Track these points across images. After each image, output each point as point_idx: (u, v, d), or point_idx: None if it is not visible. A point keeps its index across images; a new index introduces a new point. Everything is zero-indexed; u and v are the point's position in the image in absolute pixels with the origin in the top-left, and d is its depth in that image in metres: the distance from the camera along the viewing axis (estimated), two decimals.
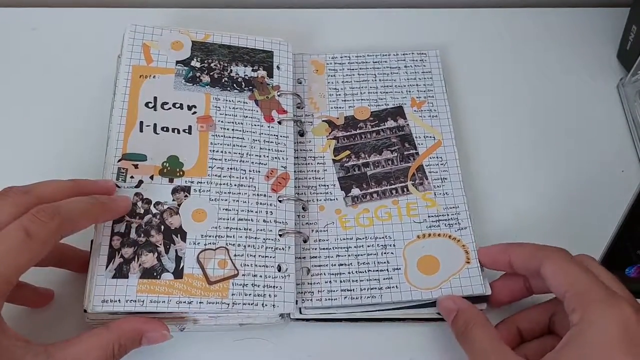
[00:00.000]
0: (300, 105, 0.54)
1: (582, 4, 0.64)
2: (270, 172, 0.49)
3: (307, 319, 0.45)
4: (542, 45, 0.61)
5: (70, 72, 0.56)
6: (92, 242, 0.44)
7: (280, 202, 0.48)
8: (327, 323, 0.45)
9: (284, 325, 0.45)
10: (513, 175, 0.53)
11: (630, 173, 0.54)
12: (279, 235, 0.46)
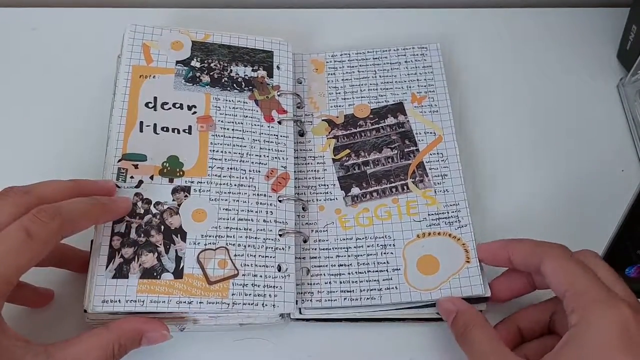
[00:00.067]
0: (300, 105, 0.54)
1: (582, 4, 0.64)
2: (270, 172, 0.49)
3: (307, 319, 0.45)
4: (542, 45, 0.61)
5: (70, 72, 0.56)
6: (92, 242, 0.44)
7: (280, 202, 0.48)
8: (327, 323, 0.45)
9: (284, 325, 0.45)
10: (513, 176, 0.53)
11: (630, 173, 0.54)
12: (279, 235, 0.46)
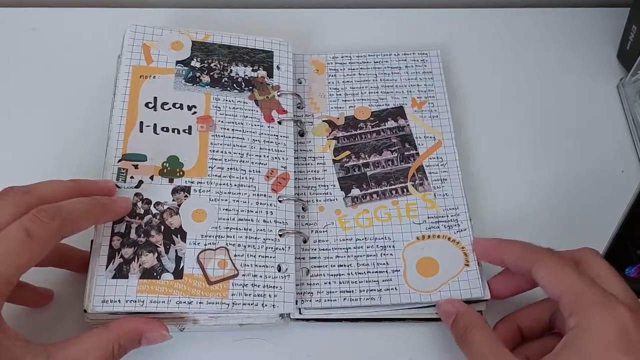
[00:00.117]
0: (301, 105, 0.54)
1: (582, 4, 0.64)
2: (270, 172, 0.49)
3: (307, 319, 0.45)
4: (542, 45, 0.61)
5: (70, 72, 0.56)
6: (92, 242, 0.44)
7: (280, 202, 0.48)
8: (327, 323, 0.45)
9: (284, 326, 0.45)
10: (513, 176, 0.53)
11: (630, 173, 0.54)
12: (279, 236, 0.46)
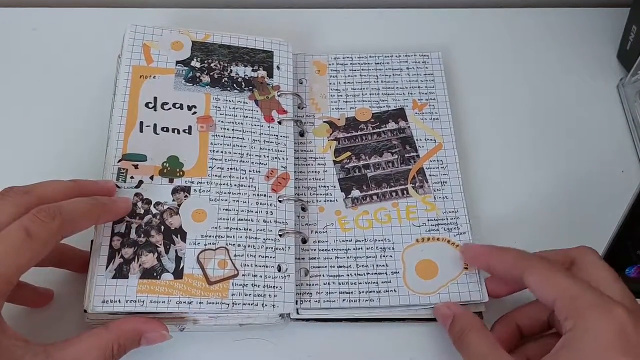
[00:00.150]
0: (301, 106, 0.54)
1: (582, 4, 0.64)
2: (270, 172, 0.49)
3: (307, 319, 0.45)
4: (542, 45, 0.61)
5: (70, 72, 0.56)
6: (92, 242, 0.44)
7: (280, 202, 0.48)
8: (326, 323, 0.45)
9: (284, 326, 0.45)
10: (513, 176, 0.53)
11: (630, 173, 0.54)
12: (279, 236, 0.46)
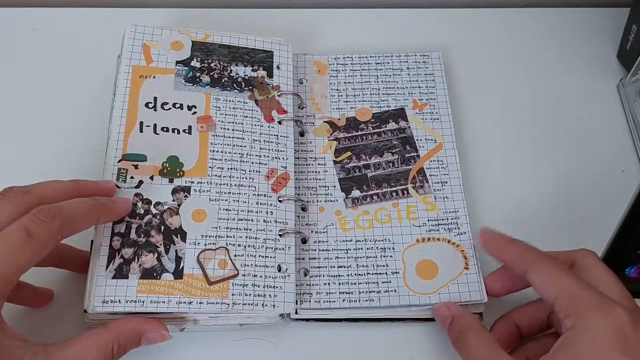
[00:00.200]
0: (302, 106, 0.54)
1: (582, 4, 0.64)
2: (271, 172, 0.49)
3: (307, 319, 0.45)
4: (542, 45, 0.61)
5: (70, 72, 0.56)
6: (92, 242, 0.44)
7: (281, 202, 0.48)
8: (326, 323, 0.45)
9: (284, 326, 0.45)
10: (513, 176, 0.53)
11: (630, 173, 0.54)
12: (279, 236, 0.46)
